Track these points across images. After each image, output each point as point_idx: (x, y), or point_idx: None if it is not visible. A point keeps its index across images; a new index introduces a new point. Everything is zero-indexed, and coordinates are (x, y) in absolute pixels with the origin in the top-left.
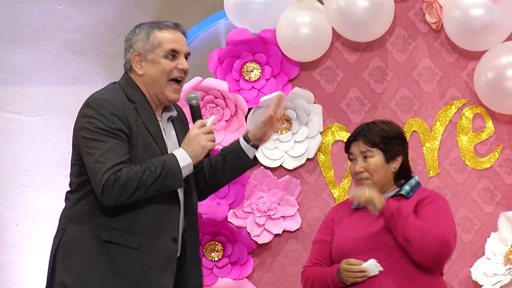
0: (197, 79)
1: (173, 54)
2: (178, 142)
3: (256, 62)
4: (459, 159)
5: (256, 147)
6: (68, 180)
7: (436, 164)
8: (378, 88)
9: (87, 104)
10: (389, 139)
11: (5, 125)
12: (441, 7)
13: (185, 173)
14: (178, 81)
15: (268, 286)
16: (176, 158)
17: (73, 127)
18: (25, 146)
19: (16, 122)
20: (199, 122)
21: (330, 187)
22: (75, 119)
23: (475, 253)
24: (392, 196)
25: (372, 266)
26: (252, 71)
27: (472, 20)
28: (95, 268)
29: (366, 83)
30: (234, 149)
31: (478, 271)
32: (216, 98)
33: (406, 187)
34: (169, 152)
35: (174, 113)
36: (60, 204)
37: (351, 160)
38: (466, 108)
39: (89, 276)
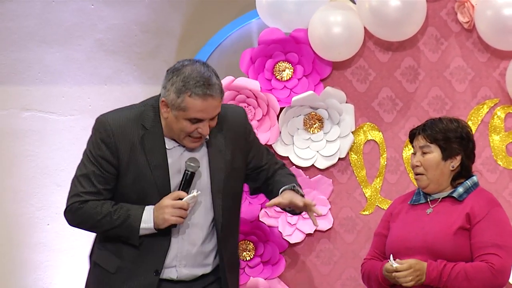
0: (229, 78)
1: (197, 120)
2: (211, 162)
3: (288, 62)
4: (491, 158)
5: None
6: None
7: None
8: (410, 87)
9: (94, 121)
10: (450, 137)
11: (37, 124)
12: (473, 6)
13: (144, 232)
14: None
15: (300, 285)
16: (141, 216)
17: None
18: (57, 145)
19: (48, 121)
20: (175, 193)
21: (362, 187)
22: None
23: None
24: (444, 197)
25: None
26: (284, 71)
27: (504, 19)
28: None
29: (398, 83)
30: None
31: None
32: (248, 97)
33: (460, 190)
34: (171, 184)
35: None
36: None
37: (413, 152)
38: (498, 108)
39: None
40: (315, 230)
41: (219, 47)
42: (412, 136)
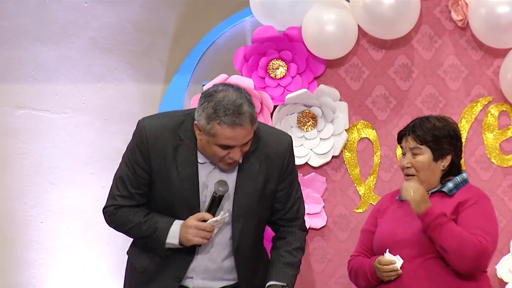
0: (222, 76)
1: (227, 147)
2: (238, 187)
3: (282, 60)
4: (485, 156)
5: None
6: (93, 177)
7: (462, 162)
8: (403, 85)
9: (137, 124)
10: (440, 137)
11: (30, 122)
12: (466, 4)
13: (170, 246)
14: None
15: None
16: (168, 232)
17: None
18: (51, 143)
19: (42, 119)
20: (201, 215)
21: (355, 185)
22: None
23: (501, 250)
24: (434, 192)
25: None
26: (278, 69)
27: (498, 17)
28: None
29: (392, 81)
30: None
31: (503, 268)
32: None
33: (450, 185)
34: (200, 199)
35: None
36: (85, 202)
37: (402, 153)
38: (492, 106)
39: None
40: (309, 228)
41: (212, 45)
42: (401, 137)
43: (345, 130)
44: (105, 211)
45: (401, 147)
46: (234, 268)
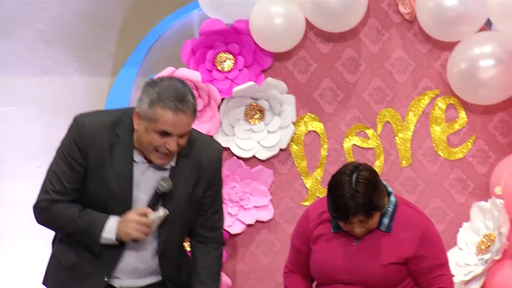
0: (170, 69)
1: (166, 134)
2: (177, 190)
3: (229, 53)
4: (432, 149)
5: None
6: (40, 170)
7: (409, 155)
8: (351, 78)
9: (72, 120)
10: (378, 201)
11: None
12: None
13: (105, 242)
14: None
15: (240, 276)
16: (104, 226)
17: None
18: None
19: None
20: (142, 209)
21: (302, 177)
22: None
23: (448, 243)
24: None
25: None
26: (225, 62)
27: (445, 10)
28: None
29: (339, 74)
30: None
31: (450, 261)
32: None
33: (385, 221)
34: (133, 197)
35: (168, 165)
36: (32, 195)
37: (347, 224)
38: (439, 99)
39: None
40: (256, 221)
41: (160, 38)
42: (344, 219)
43: (292, 123)
44: (37, 206)
45: (344, 222)
46: (159, 267)
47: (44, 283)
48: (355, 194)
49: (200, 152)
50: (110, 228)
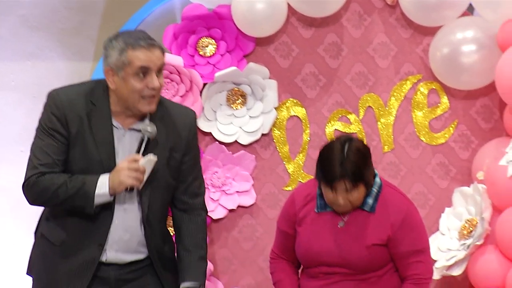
0: None
1: (143, 71)
2: (155, 154)
3: (211, 38)
4: (414, 134)
5: None
6: (23, 155)
7: (391, 140)
8: (333, 63)
9: (46, 97)
10: (366, 170)
11: None
12: None
13: (98, 200)
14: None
15: (223, 261)
16: (96, 183)
17: None
18: None
19: None
20: (131, 156)
21: (285, 162)
22: None
23: (430, 228)
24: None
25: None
26: (207, 47)
27: None
28: (34, 258)
29: (321, 59)
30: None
31: (432, 246)
32: (171, 73)
33: (369, 201)
34: (117, 161)
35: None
36: (15, 180)
37: (331, 191)
38: (421, 84)
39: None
40: (238, 206)
41: (142, 23)
42: (329, 181)
43: (275, 108)
44: (26, 184)
45: (329, 186)
46: (144, 239)
47: (28, 273)
48: (346, 160)
49: (175, 117)
50: (102, 184)
